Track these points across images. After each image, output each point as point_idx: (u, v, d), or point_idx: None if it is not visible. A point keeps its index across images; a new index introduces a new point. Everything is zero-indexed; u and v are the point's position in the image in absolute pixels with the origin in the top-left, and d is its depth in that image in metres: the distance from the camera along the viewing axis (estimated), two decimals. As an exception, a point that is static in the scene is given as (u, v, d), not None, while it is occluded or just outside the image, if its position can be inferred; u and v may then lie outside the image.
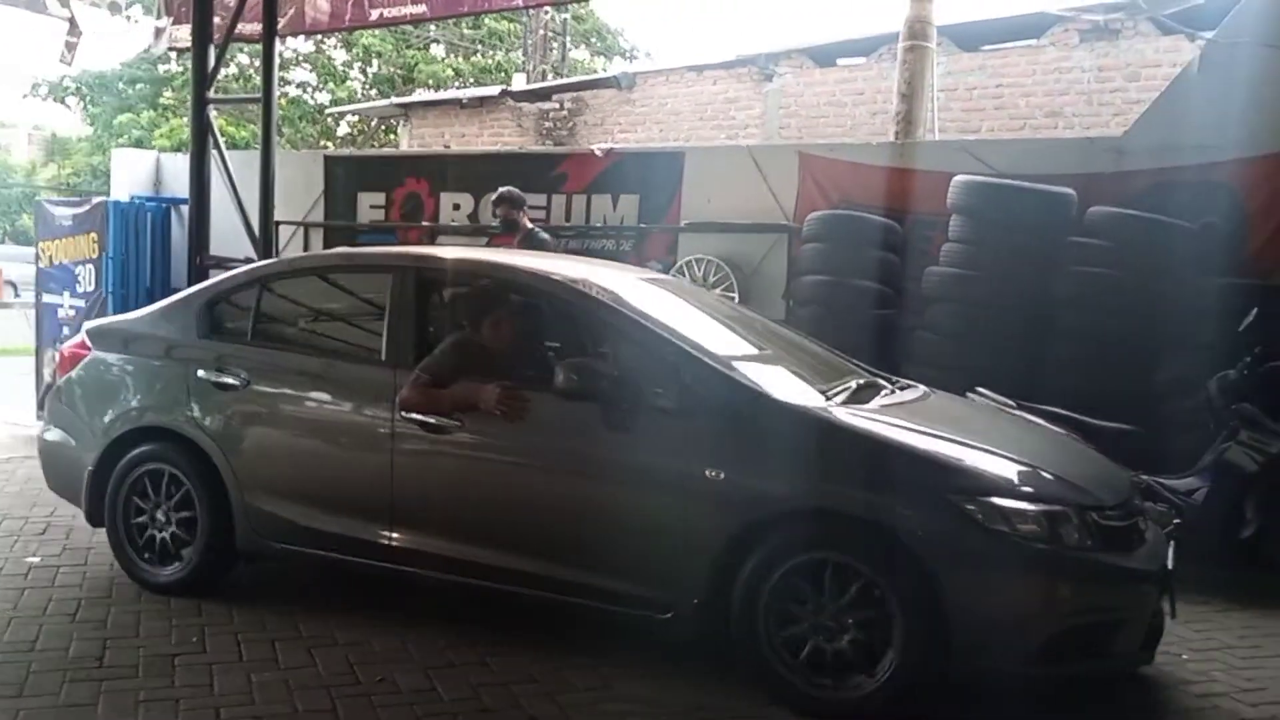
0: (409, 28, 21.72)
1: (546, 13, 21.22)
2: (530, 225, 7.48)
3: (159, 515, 4.93)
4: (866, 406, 4.32)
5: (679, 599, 4.04)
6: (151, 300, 8.53)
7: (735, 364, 4.30)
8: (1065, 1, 9.86)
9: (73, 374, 5.26)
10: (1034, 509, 3.76)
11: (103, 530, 5.12)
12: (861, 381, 4.64)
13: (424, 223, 8.85)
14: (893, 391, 4.66)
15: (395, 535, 4.52)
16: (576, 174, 8.50)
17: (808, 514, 3.93)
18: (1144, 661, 4.09)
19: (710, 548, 3.97)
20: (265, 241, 8.00)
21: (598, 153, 8.64)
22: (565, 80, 17.53)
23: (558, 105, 13.98)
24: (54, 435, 5.32)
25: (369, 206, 9.04)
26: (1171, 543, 4.18)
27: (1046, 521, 3.74)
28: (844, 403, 4.28)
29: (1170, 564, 4.06)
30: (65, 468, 5.26)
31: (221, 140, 8.33)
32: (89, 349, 5.26)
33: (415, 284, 4.76)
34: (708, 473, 3.97)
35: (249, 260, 8.07)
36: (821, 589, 3.84)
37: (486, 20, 24.51)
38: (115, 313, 8.32)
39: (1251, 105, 6.19)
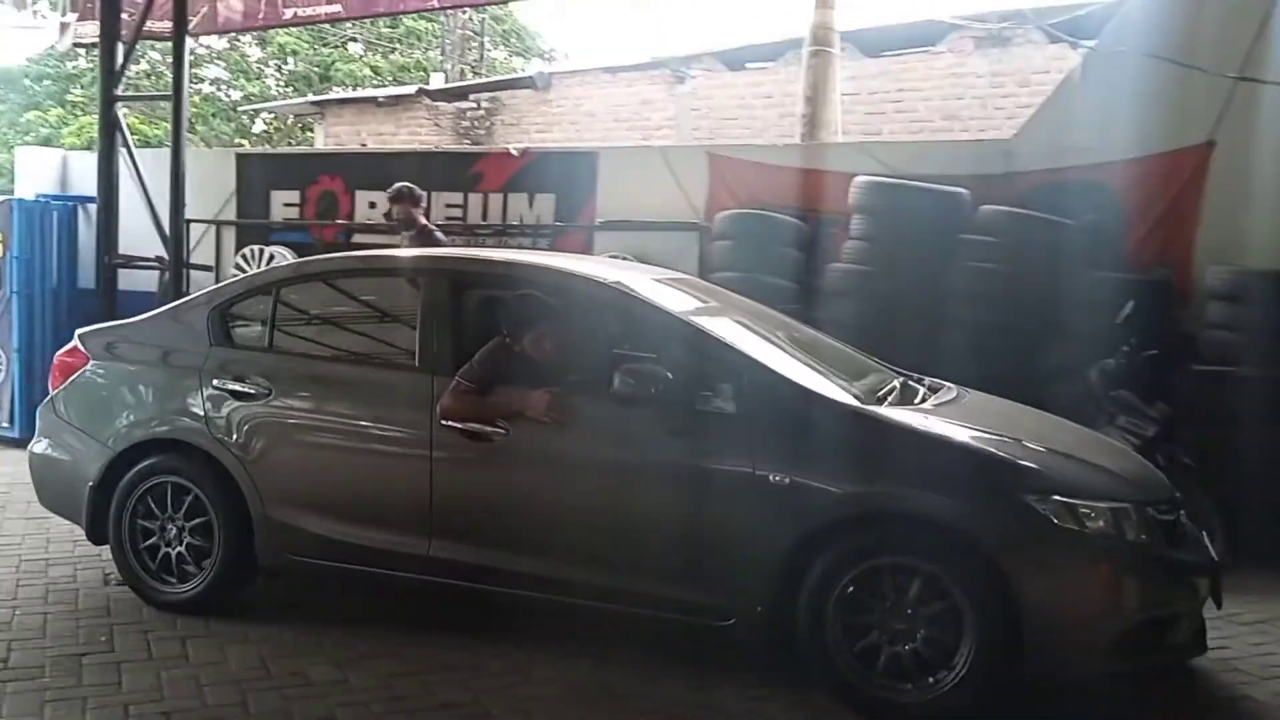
0: (326, 26, 21.41)
1: (465, 12, 21.08)
2: (425, 222, 7.29)
3: (170, 530, 4.63)
4: (922, 408, 4.27)
5: (742, 605, 3.94)
6: (58, 300, 8.42)
7: (789, 366, 4.19)
8: (961, 10, 10.20)
9: (69, 383, 4.93)
10: (1101, 506, 3.74)
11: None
12: (900, 381, 4.57)
13: (339, 221, 8.79)
14: (930, 391, 4.56)
15: (435, 546, 4.31)
16: (492, 173, 8.52)
17: (878, 517, 3.85)
18: (1198, 652, 4.05)
19: (776, 553, 3.85)
20: (176, 240, 7.88)
21: (514, 152, 8.66)
22: (482, 80, 17.46)
23: (475, 105, 13.94)
24: (47, 448, 4.97)
25: (282, 205, 8.93)
26: (1206, 534, 4.21)
27: (1112, 519, 3.73)
28: (895, 404, 4.23)
29: (1216, 556, 4.08)
30: (61, 482, 4.92)
31: (133, 138, 8.18)
32: (86, 357, 4.93)
33: (449, 287, 4.55)
34: (773, 478, 3.85)
35: (160, 259, 7.98)
36: (889, 592, 3.76)
37: (405, 19, 24.25)
38: (21, 313, 8.16)
39: (1129, 110, 6.47)
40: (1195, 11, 6.50)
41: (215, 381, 4.63)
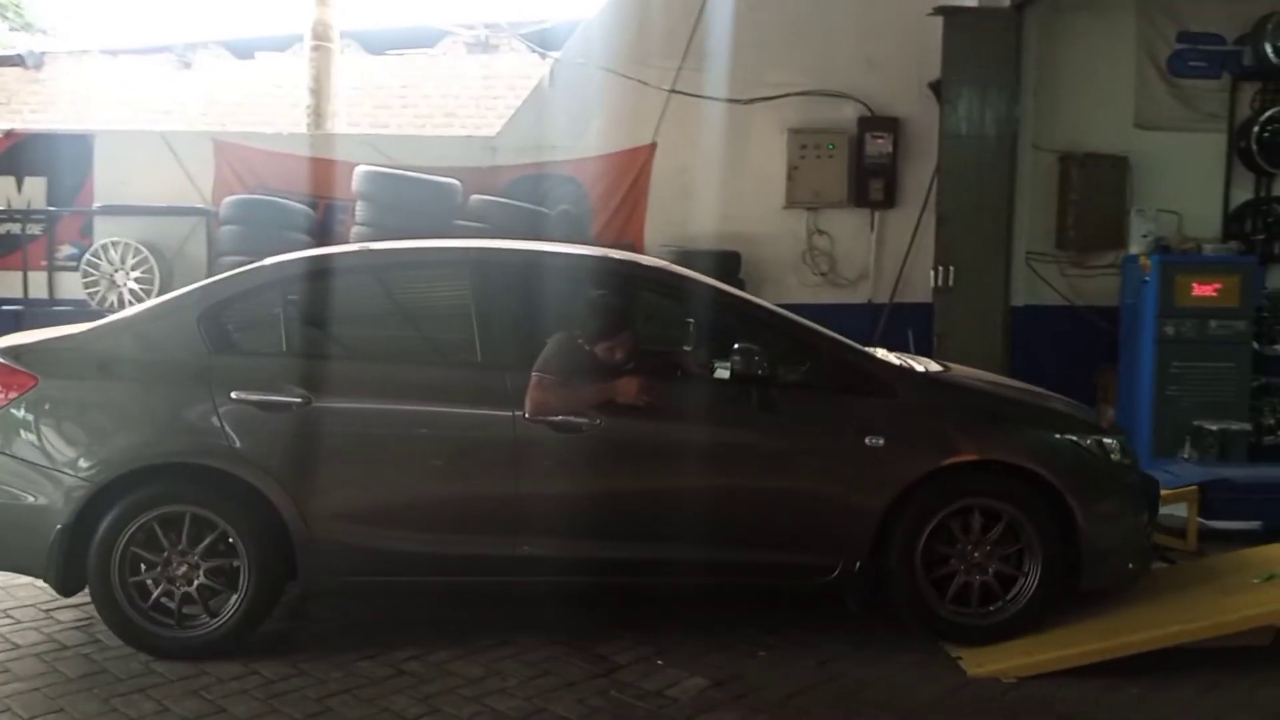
0: None
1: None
2: None
3: (178, 567, 3.86)
4: (962, 371, 4.57)
5: (842, 560, 4.00)
6: None
7: (847, 339, 4.29)
8: (452, 16, 10.48)
9: (13, 411, 3.88)
10: (1114, 440, 4.26)
11: None
12: (885, 350, 4.68)
13: None
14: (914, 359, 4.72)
15: (524, 546, 3.93)
16: (-28, 155, 7.52)
17: (963, 467, 4.02)
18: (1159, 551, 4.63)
19: (874, 508, 3.96)
20: None
21: (-5, 133, 7.69)
22: (-39, 55, 15.08)
23: (-47, 81, 12.07)
24: None
25: None
26: None
27: (1118, 449, 4.23)
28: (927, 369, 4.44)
29: None
30: (12, 529, 3.87)
31: None
32: (32, 378, 3.89)
33: (501, 279, 4.14)
34: (868, 441, 3.94)
35: None
36: (969, 532, 4.01)
37: None
38: None
39: (590, 115, 7.12)
40: (637, 34, 7.27)
41: (235, 393, 3.85)
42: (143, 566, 3.88)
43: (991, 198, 6.96)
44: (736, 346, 3.99)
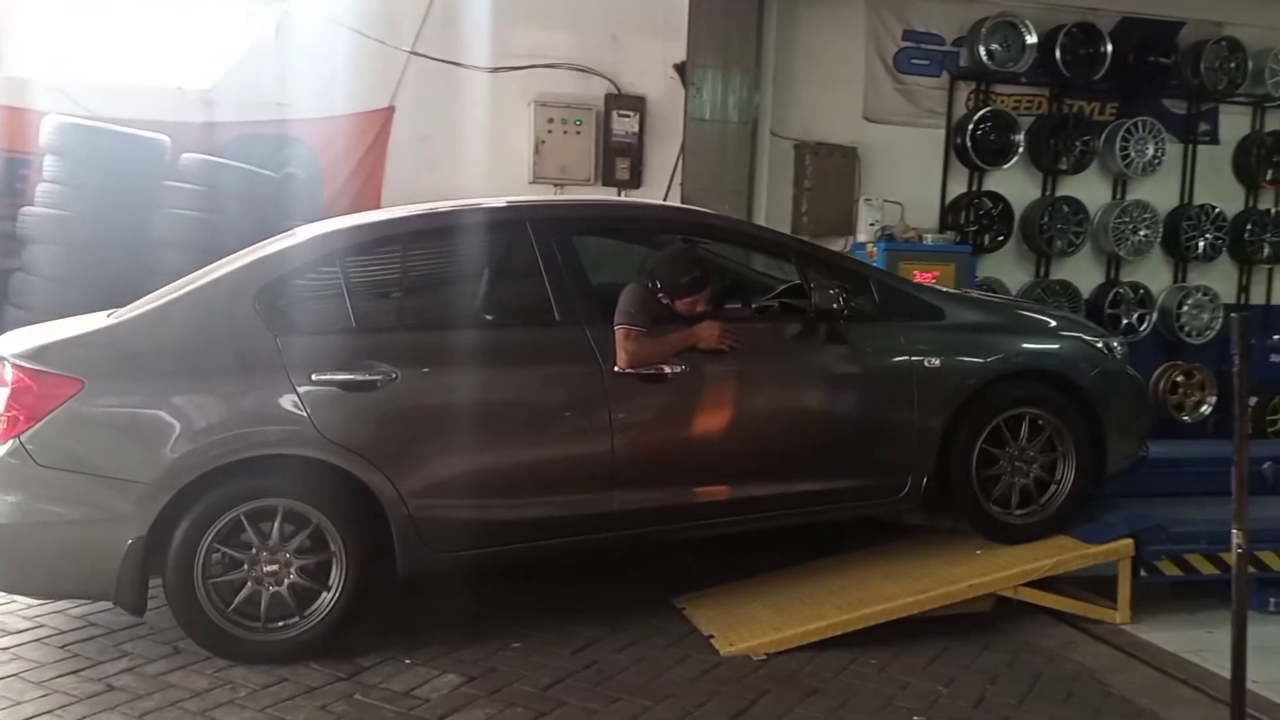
0: None
1: None
2: None
3: (268, 565, 3.70)
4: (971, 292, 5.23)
5: (911, 477, 4.35)
6: None
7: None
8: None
9: (51, 419, 3.56)
10: (1119, 342, 4.85)
11: None
12: None
13: None
14: None
15: (619, 500, 4.03)
16: None
17: (1009, 378, 4.49)
18: None
19: (938, 426, 4.32)
20: None
21: None
22: None
23: None
24: (21, 511, 3.58)
25: None
26: None
27: (1120, 350, 4.82)
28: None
29: None
30: (61, 549, 3.59)
31: None
32: (77, 381, 3.58)
33: (564, 235, 4.15)
34: (927, 363, 4.30)
35: None
36: (1011, 440, 4.45)
37: None
38: None
39: (320, 72, 6.75)
40: (373, -13, 6.94)
41: (314, 375, 3.70)
42: (225, 571, 3.72)
43: (733, 182, 7.24)
44: (814, 284, 4.27)
